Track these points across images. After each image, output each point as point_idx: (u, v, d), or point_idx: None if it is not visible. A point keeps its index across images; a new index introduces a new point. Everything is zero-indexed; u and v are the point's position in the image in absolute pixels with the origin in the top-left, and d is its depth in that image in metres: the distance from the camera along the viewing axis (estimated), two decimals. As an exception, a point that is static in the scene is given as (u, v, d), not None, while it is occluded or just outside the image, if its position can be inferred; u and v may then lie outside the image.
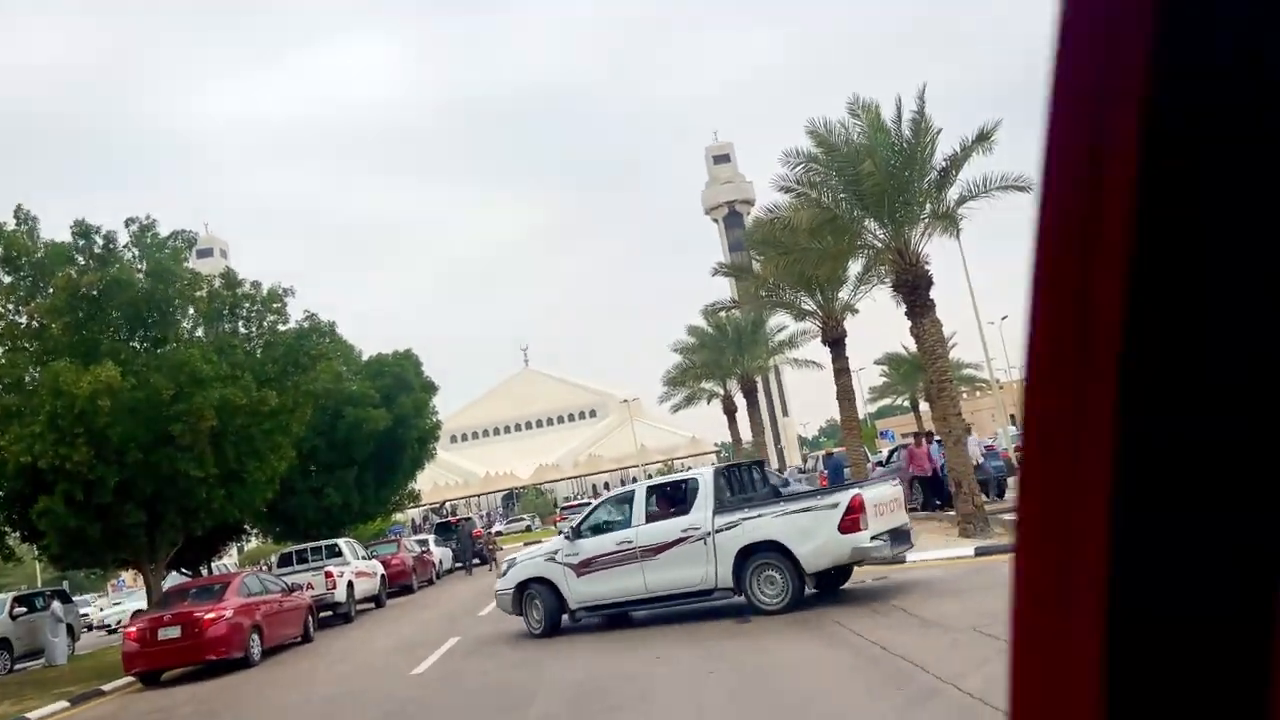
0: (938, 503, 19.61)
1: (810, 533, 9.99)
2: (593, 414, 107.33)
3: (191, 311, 19.77)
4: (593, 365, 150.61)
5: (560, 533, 14.57)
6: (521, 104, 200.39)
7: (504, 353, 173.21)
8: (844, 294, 21.39)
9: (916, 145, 15.21)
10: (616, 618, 11.74)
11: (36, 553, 21.08)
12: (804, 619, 9.81)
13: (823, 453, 30.19)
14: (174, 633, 12.91)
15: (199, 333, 20.01)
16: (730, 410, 36.83)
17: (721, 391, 36.46)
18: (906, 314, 15.51)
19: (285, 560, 20.59)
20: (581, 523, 11.98)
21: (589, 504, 25.11)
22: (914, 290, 15.29)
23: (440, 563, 28.19)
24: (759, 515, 10.37)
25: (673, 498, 11.16)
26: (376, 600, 21.24)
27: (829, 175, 15.91)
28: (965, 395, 72.97)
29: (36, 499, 16.18)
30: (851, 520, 9.81)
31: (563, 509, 49.98)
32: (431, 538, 30.37)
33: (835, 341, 21.48)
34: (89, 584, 44.80)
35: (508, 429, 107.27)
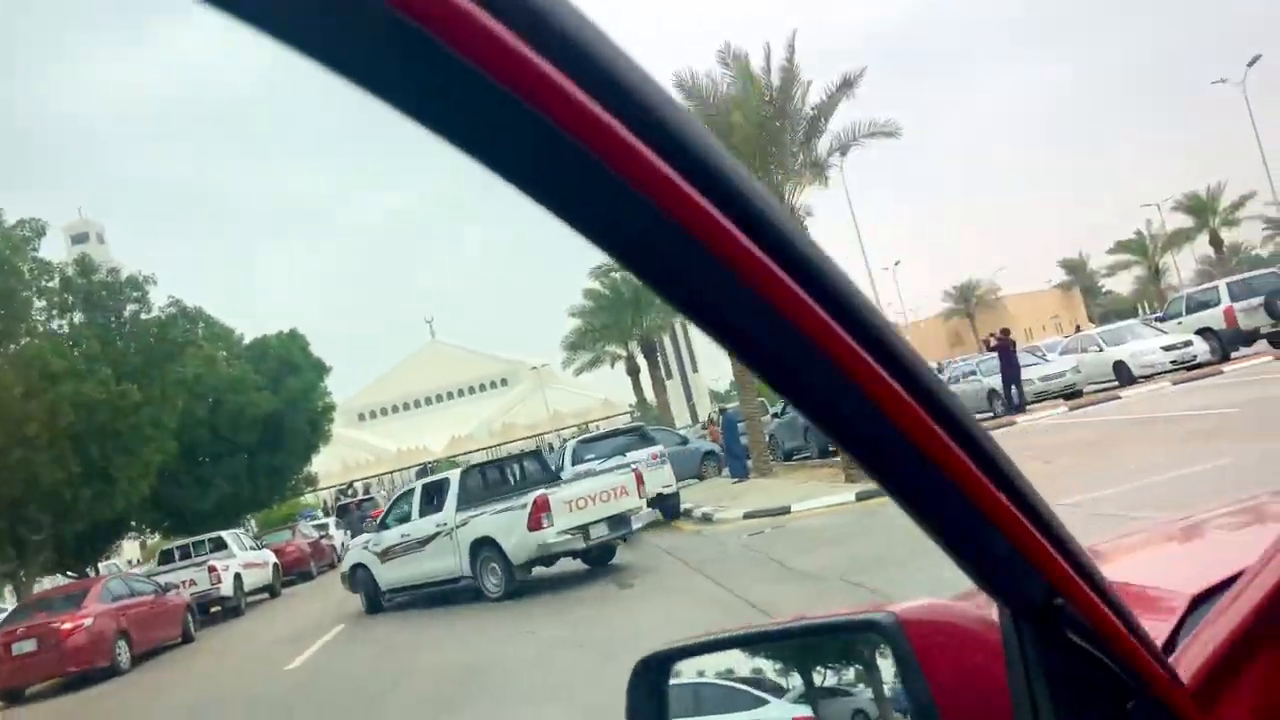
0: None
1: (511, 530, 10.85)
2: (504, 382, 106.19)
3: (43, 303, 18.55)
4: (504, 333, 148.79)
5: None
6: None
7: (410, 327, 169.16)
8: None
9: (787, 95, 15.13)
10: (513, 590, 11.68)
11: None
12: (683, 578, 9.78)
13: (718, 409, 30.39)
14: (29, 646, 12.06)
15: (55, 324, 18.80)
16: (633, 371, 36.77)
17: (624, 353, 36.31)
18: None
19: (166, 557, 19.65)
20: (385, 515, 13.42)
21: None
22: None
23: (342, 546, 27.42)
24: (481, 514, 11.31)
25: (438, 494, 12.10)
26: (270, 590, 20.54)
27: (701, 128, 15.72)
28: (867, 341, 74.92)
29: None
30: (535, 519, 10.62)
31: None
32: (331, 521, 29.56)
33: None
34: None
35: (418, 403, 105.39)
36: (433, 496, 12.21)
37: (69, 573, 24.52)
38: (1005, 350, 19.58)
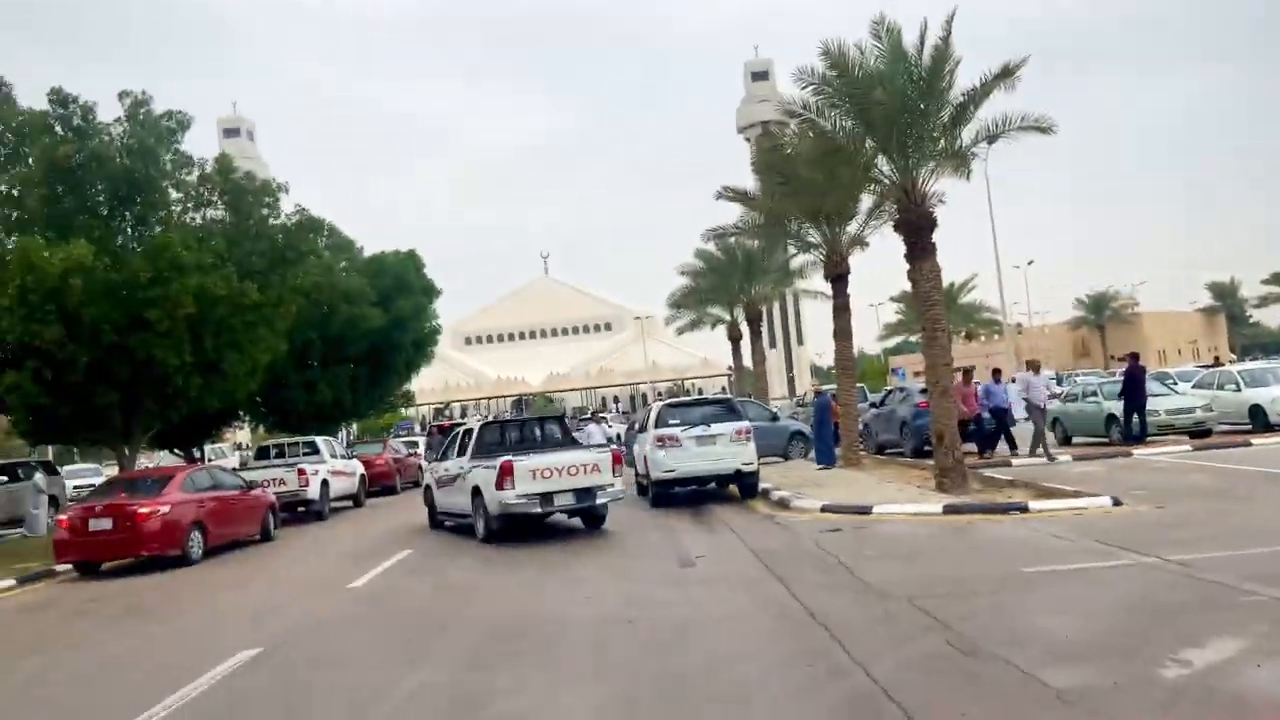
0: (987, 452, 18.25)
1: (488, 485, 12.44)
2: (608, 327, 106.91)
3: (180, 195, 19.27)
4: (613, 277, 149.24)
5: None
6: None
7: (526, 257, 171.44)
8: (852, 228, 20.54)
9: (935, 76, 14.21)
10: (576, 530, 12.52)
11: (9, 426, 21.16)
12: (747, 568, 9.48)
13: (813, 389, 29.57)
14: (105, 524, 12.56)
15: (188, 217, 19.52)
16: (735, 337, 36.21)
17: (728, 318, 35.78)
18: (905, 256, 14.76)
19: (262, 453, 20.54)
20: (444, 448, 15.49)
21: (592, 415, 27.46)
22: (916, 231, 14.49)
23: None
24: (481, 466, 12.87)
25: (467, 441, 14.13)
26: (355, 500, 21.23)
27: (840, 101, 14.96)
28: (983, 338, 72.10)
29: (4, 373, 15.98)
30: (500, 480, 12.24)
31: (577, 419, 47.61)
32: (422, 439, 30.30)
33: (838, 277, 20.70)
34: (92, 455, 45.50)
35: (523, 335, 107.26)
36: (464, 442, 14.27)
37: (176, 450, 25.98)
38: (1133, 375, 18.34)
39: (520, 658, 6.59)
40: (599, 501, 12.76)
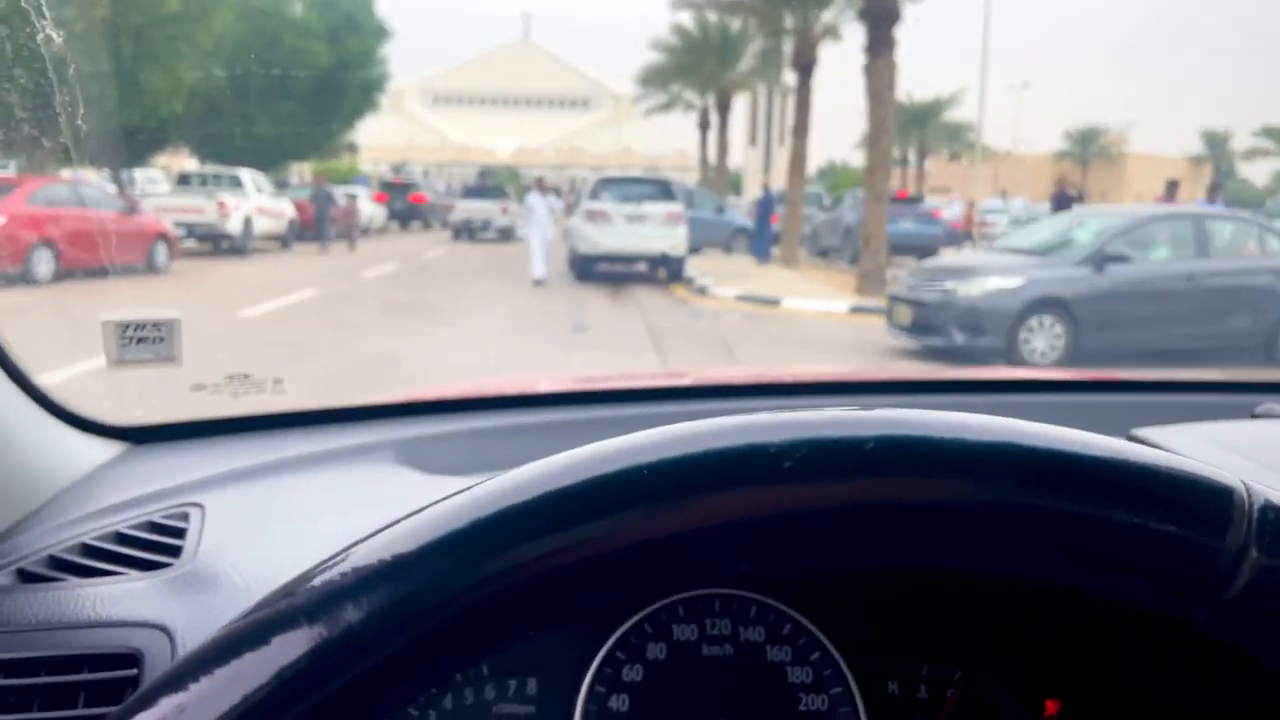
0: None
1: None
2: (585, 104, 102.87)
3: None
4: (598, 50, 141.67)
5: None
6: None
7: (505, 19, 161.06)
8: (828, 16, 19.46)
9: None
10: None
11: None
12: (634, 337, 9.55)
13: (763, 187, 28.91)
14: (-63, 226, 11.46)
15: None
16: (704, 125, 34.98)
17: (699, 104, 34.42)
18: (864, 49, 14.05)
19: (183, 180, 19.86)
20: None
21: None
22: (877, 22, 13.72)
23: (370, 220, 27.52)
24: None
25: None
26: (283, 241, 20.81)
27: None
28: (967, 161, 70.93)
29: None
30: (449, 212, 23.63)
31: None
32: (363, 190, 29.49)
33: (804, 68, 19.81)
34: None
35: (494, 101, 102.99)
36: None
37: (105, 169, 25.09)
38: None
39: (365, 392, 6.65)
40: (494, 225, 22.46)
